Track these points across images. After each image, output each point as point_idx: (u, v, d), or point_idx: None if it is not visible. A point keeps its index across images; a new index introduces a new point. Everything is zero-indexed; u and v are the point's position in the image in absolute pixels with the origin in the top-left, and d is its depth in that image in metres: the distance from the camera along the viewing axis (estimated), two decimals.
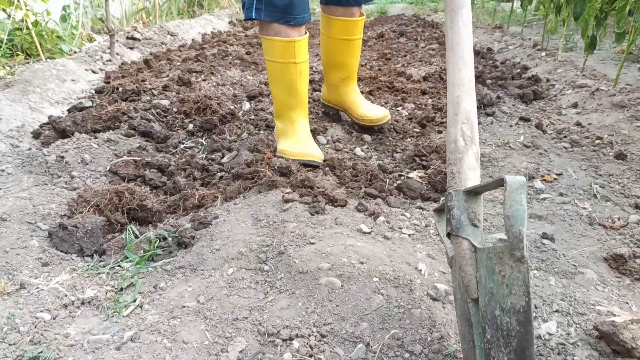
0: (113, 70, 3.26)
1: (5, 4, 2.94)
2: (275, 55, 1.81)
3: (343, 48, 2.13)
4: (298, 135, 1.91)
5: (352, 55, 2.17)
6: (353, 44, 2.12)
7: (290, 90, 1.87)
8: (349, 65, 2.19)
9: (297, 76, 1.84)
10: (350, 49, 2.14)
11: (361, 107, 2.25)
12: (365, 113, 2.23)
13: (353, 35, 2.09)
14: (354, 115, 2.28)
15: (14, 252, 1.28)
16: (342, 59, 2.17)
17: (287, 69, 1.83)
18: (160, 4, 5.85)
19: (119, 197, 1.53)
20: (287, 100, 1.90)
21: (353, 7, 2.03)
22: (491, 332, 0.80)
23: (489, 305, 0.81)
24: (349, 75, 2.23)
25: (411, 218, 1.54)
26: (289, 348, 0.98)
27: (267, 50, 1.83)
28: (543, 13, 3.67)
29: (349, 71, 2.21)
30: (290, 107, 1.91)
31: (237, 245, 1.31)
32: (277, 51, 1.80)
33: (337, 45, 2.12)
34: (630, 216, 1.48)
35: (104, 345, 1.00)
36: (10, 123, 2.17)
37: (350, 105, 2.28)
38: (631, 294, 1.17)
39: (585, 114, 2.41)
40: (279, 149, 1.90)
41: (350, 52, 2.15)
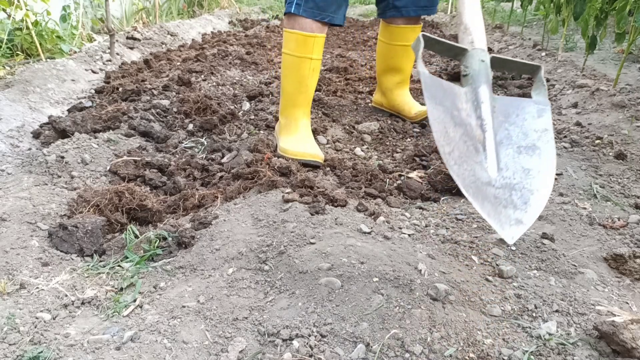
0: (113, 70, 3.26)
1: (6, 4, 2.94)
2: (293, 48, 1.90)
3: (400, 53, 2.32)
4: (299, 134, 1.95)
5: (409, 59, 2.36)
6: (410, 49, 2.25)
7: (300, 86, 1.94)
8: (405, 69, 2.39)
9: (309, 72, 1.92)
10: (407, 53, 2.32)
11: (414, 107, 2.40)
12: (419, 110, 2.38)
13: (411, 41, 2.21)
14: (407, 116, 2.43)
15: (14, 252, 1.28)
16: (399, 64, 2.36)
17: (301, 64, 1.91)
18: (160, 4, 5.85)
19: (119, 197, 1.53)
20: (295, 96, 1.96)
21: (413, 16, 2.22)
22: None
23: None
24: (404, 79, 2.42)
25: (411, 218, 1.54)
26: (289, 348, 0.98)
27: (286, 42, 1.93)
28: (543, 13, 3.67)
29: (405, 75, 2.40)
30: (296, 104, 1.97)
31: (237, 245, 1.31)
32: (296, 44, 1.89)
33: (396, 51, 2.31)
34: (630, 216, 1.48)
35: (104, 345, 1.00)
36: (10, 123, 2.17)
37: (403, 107, 2.43)
38: (631, 294, 1.17)
39: (585, 114, 2.41)
40: (280, 147, 1.93)
41: (407, 57, 2.34)
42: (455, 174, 1.00)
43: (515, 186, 1.03)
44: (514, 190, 1.03)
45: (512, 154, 1.08)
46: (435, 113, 1.06)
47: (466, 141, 1.06)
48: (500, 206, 0.99)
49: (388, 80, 2.43)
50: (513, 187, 1.03)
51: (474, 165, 1.03)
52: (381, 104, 2.55)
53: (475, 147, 1.07)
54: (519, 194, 1.02)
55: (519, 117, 1.14)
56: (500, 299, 1.14)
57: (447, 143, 1.03)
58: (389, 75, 2.41)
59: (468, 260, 1.29)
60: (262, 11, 8.36)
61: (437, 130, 1.04)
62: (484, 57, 1.18)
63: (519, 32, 4.67)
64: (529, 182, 1.05)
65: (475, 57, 1.19)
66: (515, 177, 1.05)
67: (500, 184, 1.02)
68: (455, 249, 1.35)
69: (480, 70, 1.16)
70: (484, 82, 1.15)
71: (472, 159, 1.04)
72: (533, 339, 1.02)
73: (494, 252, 1.32)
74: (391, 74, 2.40)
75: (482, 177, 1.02)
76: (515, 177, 1.05)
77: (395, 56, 2.34)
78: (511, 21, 5.16)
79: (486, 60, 1.18)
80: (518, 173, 1.06)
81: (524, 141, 1.10)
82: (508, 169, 1.06)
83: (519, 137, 1.10)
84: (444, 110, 1.08)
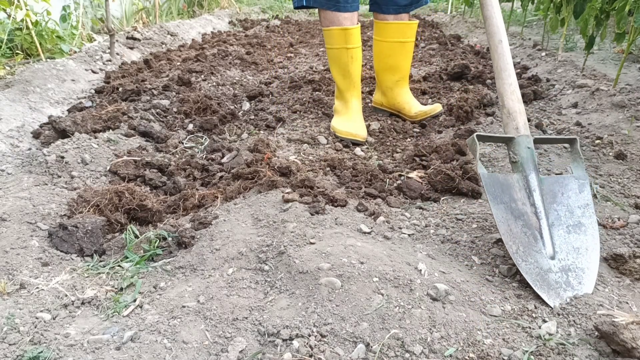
0: (113, 70, 3.26)
1: (6, 4, 2.94)
2: (332, 42, 2.14)
3: (397, 50, 2.32)
4: (349, 115, 2.22)
5: (406, 57, 2.37)
6: (406, 46, 2.32)
7: (345, 73, 2.18)
8: (403, 67, 2.39)
9: (349, 60, 2.14)
10: (404, 50, 2.33)
11: (415, 107, 2.42)
12: (420, 109, 2.41)
13: (407, 38, 2.30)
14: (407, 115, 2.44)
15: (14, 252, 1.28)
16: (397, 62, 2.36)
17: (340, 54, 2.14)
18: (160, 4, 5.85)
19: (119, 197, 1.53)
20: (342, 82, 2.21)
21: (402, 13, 2.27)
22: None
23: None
24: (403, 77, 2.42)
25: (411, 218, 1.54)
26: (289, 348, 0.98)
27: (326, 39, 2.18)
28: (543, 13, 3.67)
29: (403, 73, 2.41)
30: (344, 88, 2.22)
31: (237, 245, 1.31)
32: (333, 39, 2.13)
33: (391, 48, 2.32)
34: (630, 216, 1.48)
35: (104, 345, 1.00)
36: (10, 123, 2.17)
37: (404, 106, 2.45)
38: (631, 294, 1.17)
39: (585, 114, 2.41)
40: (332, 124, 2.24)
41: (404, 54, 2.35)
42: (524, 272, 1.14)
43: (570, 267, 1.16)
44: (570, 272, 1.15)
45: (563, 235, 1.21)
46: (499, 214, 1.22)
47: (526, 232, 1.21)
48: (561, 290, 1.12)
49: (387, 79, 2.43)
50: (568, 268, 1.16)
51: (536, 256, 1.17)
52: (381, 103, 2.55)
53: (534, 235, 1.21)
54: (574, 274, 1.15)
55: (564, 196, 1.26)
56: (500, 299, 1.14)
57: (513, 242, 1.19)
58: (387, 73, 2.41)
59: (468, 260, 1.29)
60: (262, 11, 8.36)
61: (504, 231, 1.20)
62: (530, 144, 1.32)
63: (519, 32, 4.66)
64: (580, 261, 1.17)
65: (522, 144, 1.33)
66: (569, 258, 1.18)
67: (558, 268, 1.16)
68: (455, 249, 1.35)
69: (528, 157, 1.30)
70: (532, 168, 1.29)
71: (533, 249, 1.18)
72: (533, 339, 1.01)
73: (494, 252, 1.32)
74: (389, 73, 2.40)
75: (543, 266, 1.16)
76: (569, 258, 1.18)
77: (391, 54, 2.34)
78: (511, 21, 5.16)
79: (531, 146, 1.32)
80: (571, 254, 1.18)
81: (571, 219, 1.22)
82: (562, 251, 1.18)
83: (567, 216, 1.22)
84: (505, 207, 1.23)
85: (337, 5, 2.06)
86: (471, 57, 3.87)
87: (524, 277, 1.14)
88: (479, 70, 3.18)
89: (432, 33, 5.34)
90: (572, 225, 1.23)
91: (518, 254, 1.17)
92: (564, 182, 1.30)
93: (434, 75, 3.24)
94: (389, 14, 2.25)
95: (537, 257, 1.17)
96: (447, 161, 1.86)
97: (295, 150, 2.06)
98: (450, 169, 1.70)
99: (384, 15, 2.27)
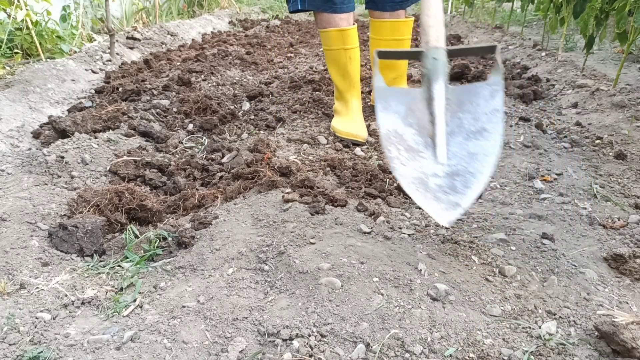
0: (113, 70, 3.26)
1: (6, 4, 2.94)
2: (329, 44, 2.13)
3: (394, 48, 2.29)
4: (349, 115, 2.22)
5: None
6: (403, 43, 2.32)
7: (344, 73, 2.18)
8: (400, 65, 2.39)
9: (347, 60, 2.14)
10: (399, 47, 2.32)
11: None
12: None
13: (403, 36, 2.30)
14: None
15: (14, 252, 1.28)
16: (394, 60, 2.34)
17: (339, 55, 2.14)
18: (160, 4, 5.85)
19: (119, 197, 1.53)
20: (342, 83, 2.21)
21: (398, 10, 2.24)
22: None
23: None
24: (400, 74, 2.42)
25: (411, 218, 1.54)
26: (289, 348, 0.98)
27: (323, 40, 2.17)
28: (543, 13, 3.67)
29: (400, 71, 2.41)
30: (344, 89, 2.22)
31: (237, 245, 1.31)
32: (330, 40, 2.11)
33: (388, 46, 2.30)
34: (630, 216, 1.48)
35: (104, 345, 1.00)
36: (10, 123, 2.17)
37: None
38: (631, 294, 1.17)
39: (585, 114, 2.41)
40: (332, 125, 2.23)
41: None
42: (398, 174, 1.11)
43: (459, 171, 1.11)
44: (457, 176, 1.11)
45: (461, 142, 1.16)
46: (385, 121, 1.20)
47: (416, 139, 1.17)
48: (441, 193, 1.08)
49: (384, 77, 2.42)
50: (457, 172, 1.11)
51: (421, 161, 1.13)
52: None
53: (425, 143, 1.17)
54: (462, 178, 1.10)
55: (473, 104, 1.19)
56: (500, 299, 1.14)
57: (393, 147, 1.16)
58: (384, 71, 2.40)
59: (468, 260, 1.29)
60: (262, 11, 8.36)
61: (385, 136, 1.18)
62: (437, 55, 1.26)
63: (519, 32, 4.67)
64: (473, 166, 1.12)
65: (429, 56, 1.27)
66: (461, 164, 1.13)
67: (445, 173, 1.11)
68: (455, 249, 1.35)
69: (434, 68, 1.24)
70: (436, 79, 1.23)
71: (420, 155, 1.15)
72: (533, 339, 1.01)
73: (494, 252, 1.32)
74: (386, 70, 2.39)
75: (427, 170, 1.12)
76: (461, 164, 1.13)
77: None
78: (511, 21, 5.16)
79: (439, 57, 1.25)
80: (464, 159, 1.13)
81: (474, 126, 1.15)
82: (455, 157, 1.14)
83: (470, 123, 1.16)
84: (395, 116, 1.20)
85: (333, 7, 2.05)
86: (471, 57, 3.87)
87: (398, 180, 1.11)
88: (479, 71, 3.18)
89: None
90: (474, 131, 1.17)
91: (398, 159, 1.13)
92: (475, 89, 1.24)
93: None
94: (385, 10, 2.25)
95: (423, 162, 1.13)
96: None
97: (295, 150, 2.06)
98: None
99: (380, 13, 2.26)
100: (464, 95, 1.23)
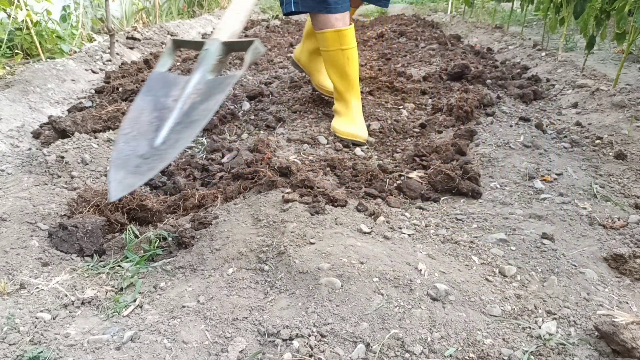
0: (113, 70, 3.26)
1: (6, 4, 2.94)
2: (326, 45, 2.12)
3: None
4: (349, 116, 2.23)
5: None
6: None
7: (342, 74, 2.18)
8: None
9: (345, 61, 2.14)
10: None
11: (322, 77, 2.57)
12: (323, 83, 2.58)
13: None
14: (314, 82, 2.63)
15: (14, 252, 1.28)
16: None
17: (336, 56, 2.14)
18: (160, 4, 5.85)
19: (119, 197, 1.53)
20: (341, 83, 2.21)
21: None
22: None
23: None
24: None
25: (411, 218, 1.54)
26: (289, 348, 0.98)
27: (321, 42, 2.16)
28: (542, 13, 3.67)
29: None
30: (343, 89, 2.22)
31: (237, 245, 1.31)
32: (327, 41, 2.11)
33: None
34: (630, 216, 1.48)
35: (104, 345, 1.00)
36: (10, 123, 2.17)
37: (314, 72, 2.60)
38: (631, 294, 1.17)
39: (585, 114, 2.41)
40: (332, 125, 2.25)
41: None
42: (115, 150, 1.18)
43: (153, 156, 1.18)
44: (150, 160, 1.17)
45: (179, 129, 1.21)
46: (139, 103, 1.27)
47: (153, 122, 1.23)
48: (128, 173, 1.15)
49: (312, 43, 2.52)
50: (152, 157, 1.18)
51: (142, 142, 1.19)
52: (299, 59, 2.66)
53: (157, 126, 1.22)
54: (149, 162, 1.17)
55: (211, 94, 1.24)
56: (500, 299, 1.14)
57: (131, 127, 1.22)
58: (314, 39, 2.47)
59: (468, 260, 1.29)
60: (262, 11, 8.36)
61: (130, 116, 1.25)
62: (210, 45, 1.32)
63: (519, 32, 4.67)
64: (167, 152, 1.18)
65: (203, 47, 1.34)
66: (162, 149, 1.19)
67: (149, 155, 1.17)
68: (455, 249, 1.35)
69: (202, 58, 1.31)
70: (197, 68, 1.29)
71: (146, 137, 1.21)
72: (533, 339, 1.02)
73: (494, 252, 1.32)
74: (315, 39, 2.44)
75: (140, 151, 1.18)
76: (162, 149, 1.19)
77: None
78: (511, 21, 5.16)
79: (211, 48, 1.32)
80: (170, 144, 1.19)
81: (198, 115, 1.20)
82: (164, 143, 1.20)
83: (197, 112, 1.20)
84: (151, 99, 1.27)
85: (328, 8, 2.04)
86: (471, 57, 3.87)
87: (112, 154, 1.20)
88: (479, 70, 3.18)
89: (432, 33, 5.34)
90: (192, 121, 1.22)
91: (126, 136, 1.21)
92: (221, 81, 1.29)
93: (434, 75, 3.24)
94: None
95: (144, 143, 1.20)
96: (447, 161, 1.86)
97: (295, 150, 2.06)
98: (450, 169, 1.70)
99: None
100: (212, 86, 1.28)
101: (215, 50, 1.32)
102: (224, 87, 1.24)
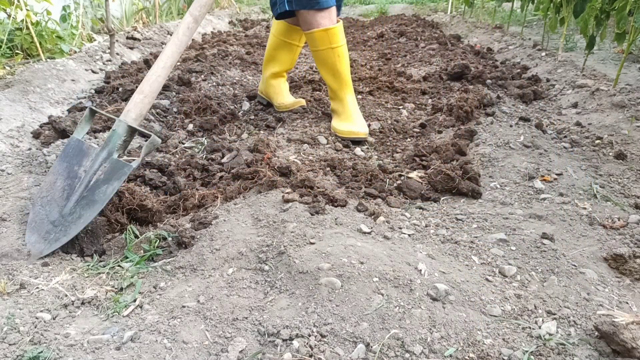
0: (113, 70, 3.26)
1: (6, 4, 2.93)
2: (316, 44, 2.14)
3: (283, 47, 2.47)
4: (347, 113, 2.24)
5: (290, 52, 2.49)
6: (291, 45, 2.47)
7: (334, 72, 2.19)
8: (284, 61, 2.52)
9: (336, 59, 2.16)
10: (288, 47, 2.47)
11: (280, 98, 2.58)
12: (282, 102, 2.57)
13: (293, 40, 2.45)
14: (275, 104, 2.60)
15: (14, 252, 1.28)
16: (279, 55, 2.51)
17: (326, 54, 2.15)
18: (160, 4, 5.85)
19: (119, 197, 1.53)
20: (334, 82, 2.23)
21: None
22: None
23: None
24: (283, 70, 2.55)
25: (411, 218, 1.54)
26: (289, 348, 0.98)
27: (310, 42, 2.17)
28: (542, 13, 3.67)
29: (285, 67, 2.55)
30: (337, 88, 2.24)
31: (237, 245, 1.31)
32: (316, 41, 2.12)
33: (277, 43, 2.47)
34: (630, 216, 1.48)
35: (104, 345, 1.00)
36: (10, 123, 2.17)
37: (272, 96, 2.61)
38: (631, 294, 1.17)
39: (585, 114, 2.41)
40: (332, 126, 2.26)
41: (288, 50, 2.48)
42: (33, 213, 1.37)
43: (62, 225, 1.35)
44: (58, 229, 1.34)
45: (83, 204, 1.38)
46: (56, 168, 1.45)
47: (65, 189, 1.42)
48: (40, 238, 1.32)
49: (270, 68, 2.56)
50: (60, 226, 1.34)
51: (55, 208, 1.38)
52: (261, 91, 2.67)
53: (68, 195, 1.40)
54: (57, 232, 1.34)
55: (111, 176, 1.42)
56: (500, 299, 1.14)
57: (47, 191, 1.41)
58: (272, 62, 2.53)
59: (468, 260, 1.29)
60: (262, 11, 8.36)
61: (47, 180, 1.43)
62: (116, 127, 1.49)
63: (519, 32, 4.67)
64: (70, 227, 1.34)
65: (112, 127, 1.51)
66: (68, 221, 1.35)
67: (58, 223, 1.35)
68: (455, 249, 1.35)
69: (109, 137, 1.48)
70: (104, 147, 1.47)
71: (57, 203, 1.39)
72: (533, 339, 1.02)
73: (494, 252, 1.32)
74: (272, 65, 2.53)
75: (51, 217, 1.36)
76: (68, 221, 1.35)
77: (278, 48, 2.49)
78: (511, 21, 5.16)
79: (117, 129, 1.49)
80: (74, 218, 1.36)
81: (97, 196, 1.39)
82: (71, 215, 1.36)
83: (98, 193, 1.40)
84: (67, 166, 1.45)
85: (320, 2, 2.03)
86: (471, 57, 3.87)
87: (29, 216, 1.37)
88: (479, 71, 3.18)
89: (432, 33, 5.34)
90: (94, 200, 1.38)
91: (42, 200, 1.40)
92: (120, 166, 1.44)
93: (434, 75, 3.25)
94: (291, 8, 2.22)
95: (55, 209, 1.38)
96: (447, 161, 1.86)
97: (295, 150, 2.06)
98: (450, 169, 1.70)
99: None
100: (113, 167, 1.43)
101: (121, 132, 1.49)
102: (121, 176, 1.40)
